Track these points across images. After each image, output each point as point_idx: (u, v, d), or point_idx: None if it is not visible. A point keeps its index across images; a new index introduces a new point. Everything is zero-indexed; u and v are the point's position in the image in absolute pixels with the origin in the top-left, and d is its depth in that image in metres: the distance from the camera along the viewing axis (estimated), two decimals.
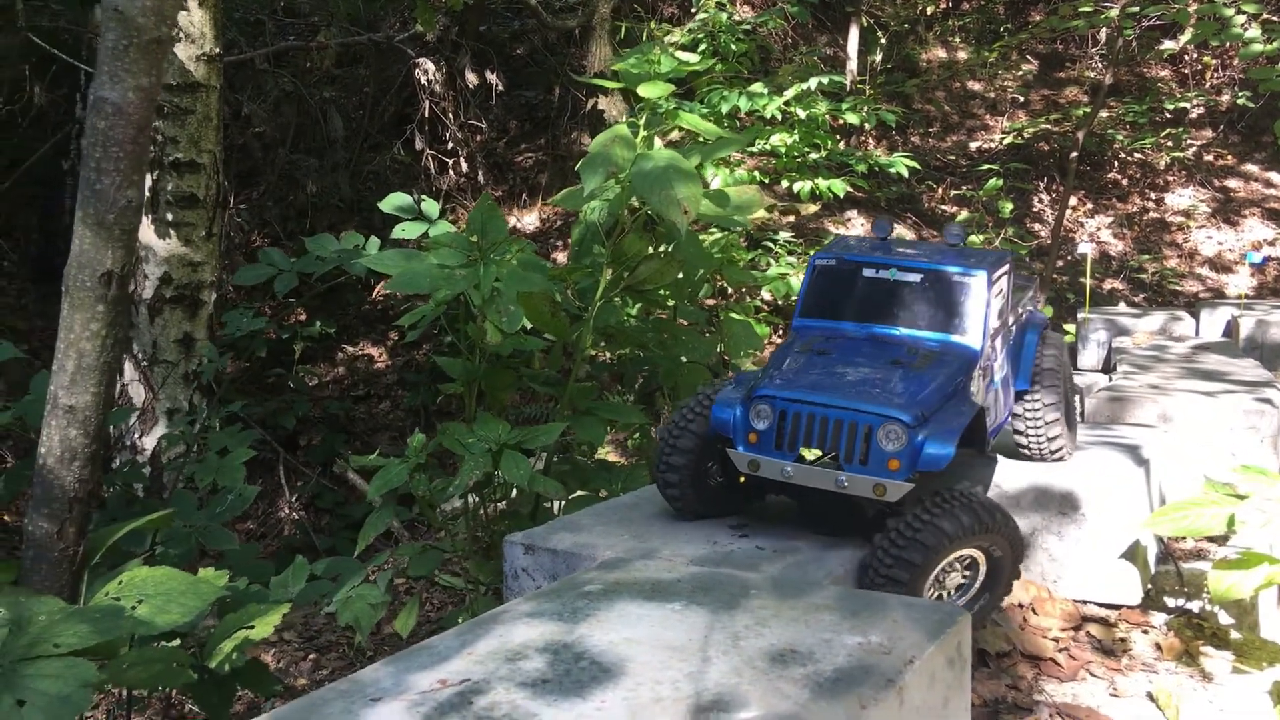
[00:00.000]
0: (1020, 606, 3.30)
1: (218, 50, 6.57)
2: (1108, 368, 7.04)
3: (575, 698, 1.86)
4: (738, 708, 1.82)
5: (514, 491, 3.81)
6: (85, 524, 2.39)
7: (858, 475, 2.65)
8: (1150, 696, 2.91)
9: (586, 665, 2.00)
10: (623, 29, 9.73)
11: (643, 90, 3.49)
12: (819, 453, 2.73)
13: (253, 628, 2.71)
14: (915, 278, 3.08)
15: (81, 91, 9.08)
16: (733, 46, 8.36)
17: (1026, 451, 3.46)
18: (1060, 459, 3.48)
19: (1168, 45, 11.39)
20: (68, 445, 2.28)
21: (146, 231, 6.49)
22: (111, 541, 2.51)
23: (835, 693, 1.88)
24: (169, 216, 6.54)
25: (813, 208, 8.46)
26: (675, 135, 7.35)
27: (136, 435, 6.59)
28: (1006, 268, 3.24)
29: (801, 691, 1.88)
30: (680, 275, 3.87)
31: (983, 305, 3.02)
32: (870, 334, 3.06)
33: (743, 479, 2.94)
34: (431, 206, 4.51)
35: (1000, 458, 3.54)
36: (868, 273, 3.13)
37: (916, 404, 2.69)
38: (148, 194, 6.42)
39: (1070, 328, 8.52)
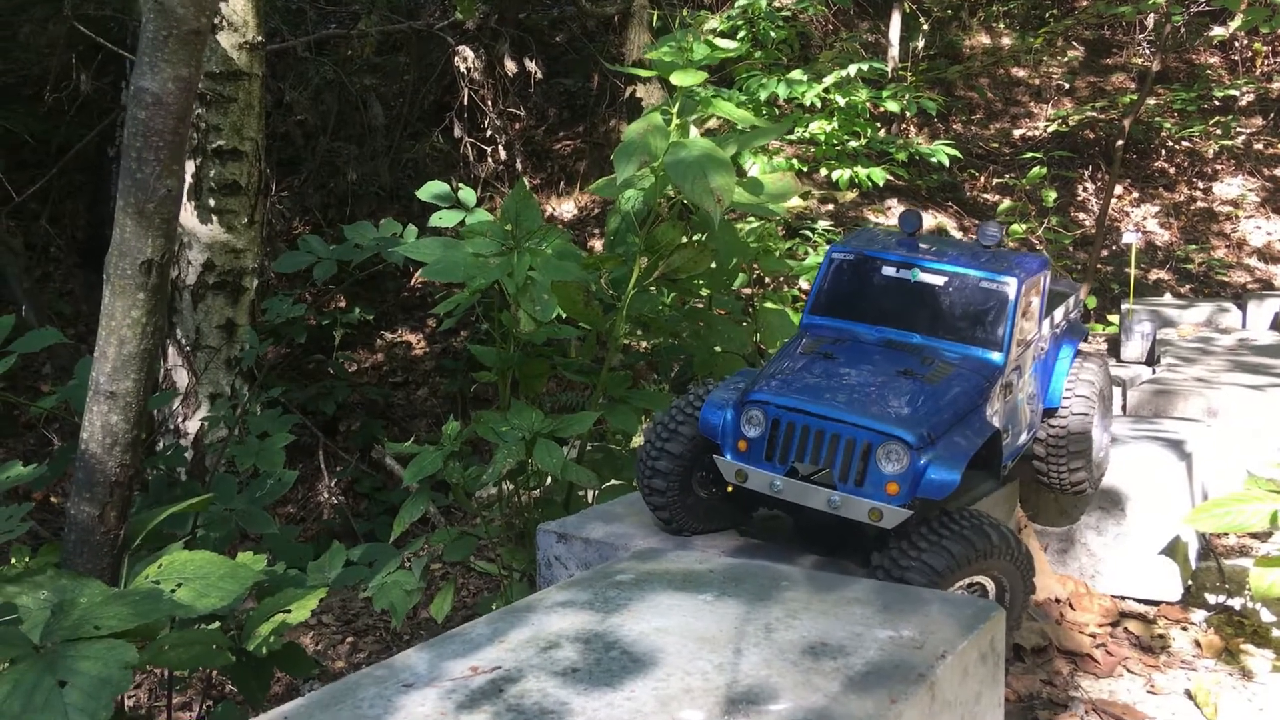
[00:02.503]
0: (1057, 601, 3.27)
1: (260, 38, 6.63)
2: (1152, 360, 6.93)
3: (605, 687, 1.87)
4: (767, 700, 1.82)
5: (548, 479, 3.83)
6: (126, 508, 2.43)
7: (852, 496, 2.43)
8: (1188, 694, 2.87)
9: (617, 655, 2.01)
10: (653, 16, 9.68)
11: (675, 78, 3.47)
12: (815, 469, 2.50)
13: (290, 611, 2.75)
14: (939, 280, 2.82)
15: (127, 79, 9.22)
16: (772, 33, 8.30)
17: (1044, 480, 3.22)
18: (1080, 493, 3.25)
19: (1217, 31, 11.15)
20: (109, 431, 2.32)
21: (190, 218, 6.59)
22: (152, 526, 2.55)
23: (865, 686, 1.87)
24: (212, 203, 6.62)
25: (849, 195, 8.39)
26: (714, 123, 7.32)
27: (180, 419, 6.70)
28: (1042, 275, 2.99)
29: (832, 684, 1.88)
30: (714, 264, 3.85)
31: (1010, 315, 2.76)
32: (884, 338, 2.81)
33: (730, 489, 2.73)
34: (468, 195, 4.52)
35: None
36: (887, 271, 2.88)
37: (923, 423, 2.45)
38: (191, 181, 6.51)
39: (1114, 318, 8.39)
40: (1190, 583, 3.53)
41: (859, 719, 1.76)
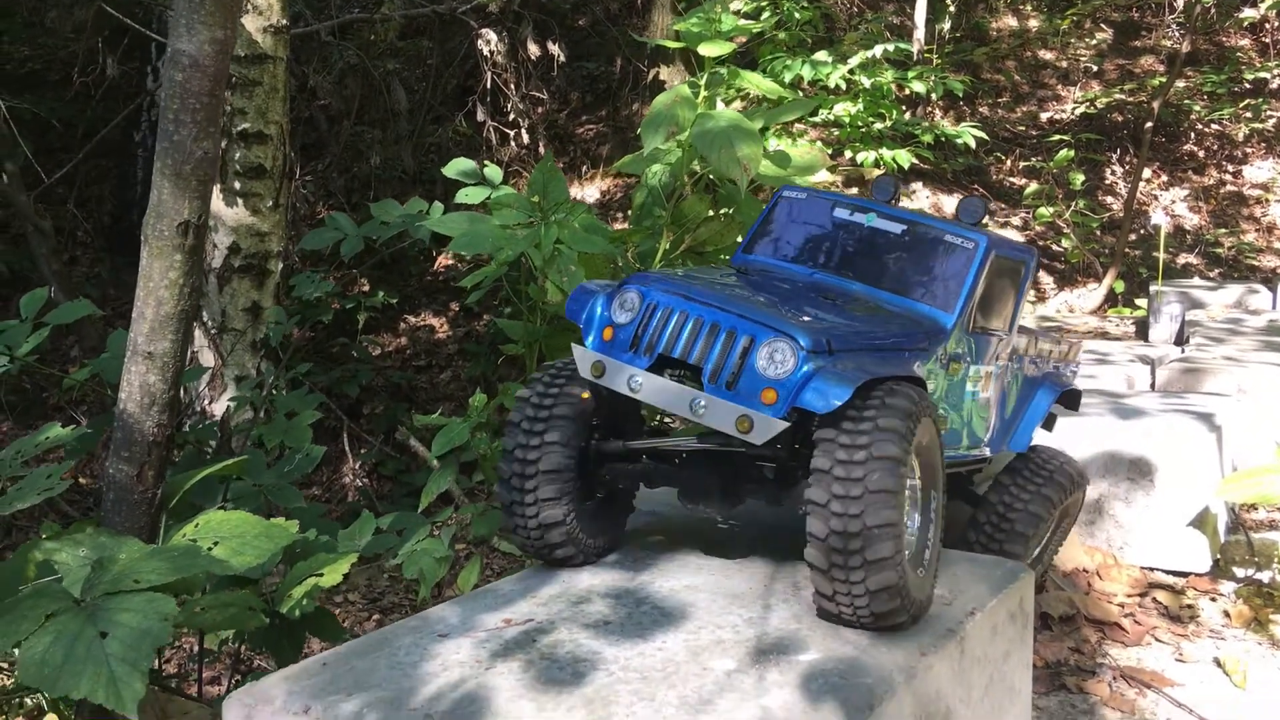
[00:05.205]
0: (1085, 572, 3.26)
1: (284, 22, 6.66)
2: (1180, 341, 6.88)
3: (637, 639, 1.89)
4: (797, 650, 1.83)
5: None
6: (163, 468, 2.47)
7: (720, 400, 1.96)
8: (1217, 662, 2.86)
9: (648, 610, 2.03)
10: None
11: (703, 49, 3.47)
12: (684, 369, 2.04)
13: (322, 575, 2.78)
14: (895, 228, 2.44)
15: (153, 64, 9.28)
16: (796, 14, 8.26)
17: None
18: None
19: (1248, 13, 11.02)
20: (147, 390, 2.35)
21: (215, 201, 6.63)
22: (188, 486, 2.59)
23: (895, 639, 1.88)
24: (237, 186, 6.67)
25: (876, 172, 8.34)
26: (738, 105, 7.30)
27: (206, 402, 6.76)
28: (1019, 257, 2.57)
29: (861, 637, 1.89)
30: (740, 237, 3.85)
31: (969, 276, 2.35)
32: (816, 281, 2.41)
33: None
34: (494, 172, 4.54)
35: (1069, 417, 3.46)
36: (839, 214, 2.50)
37: (826, 332, 2.01)
38: (215, 174, 6.55)
39: (1142, 302, 8.33)
40: (1219, 556, 3.51)
41: (888, 669, 1.77)
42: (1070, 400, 2.93)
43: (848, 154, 8.47)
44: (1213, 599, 3.24)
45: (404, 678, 1.73)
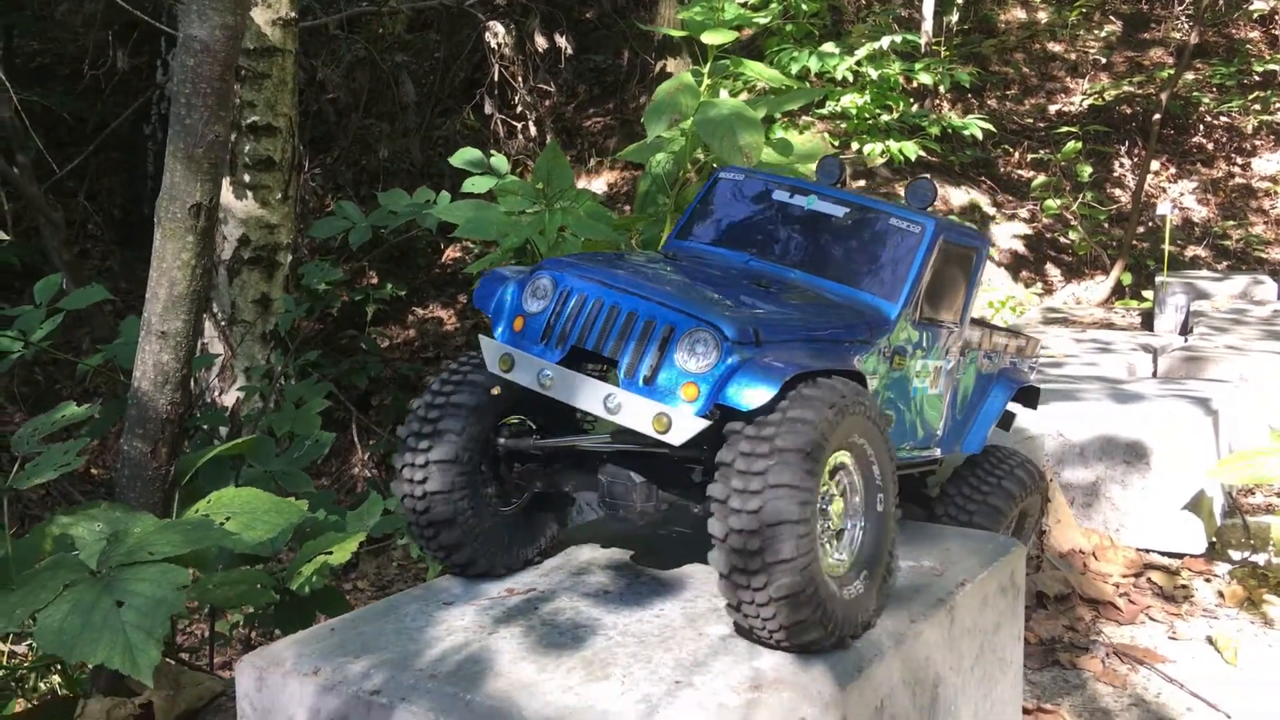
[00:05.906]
0: (1081, 553, 3.30)
1: (293, 15, 6.72)
2: (1185, 331, 6.90)
3: (635, 606, 1.95)
4: None
5: None
6: (176, 445, 2.54)
7: (636, 397, 1.80)
8: (1209, 640, 2.91)
9: (647, 581, 2.09)
10: None
11: (706, 37, 3.51)
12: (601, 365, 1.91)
13: (331, 553, 2.84)
14: (838, 211, 2.30)
15: (163, 58, 9.36)
16: (803, 6, 8.29)
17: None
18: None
19: (1258, 5, 11.01)
20: (160, 369, 2.42)
21: (225, 193, 6.70)
22: (200, 463, 2.65)
23: (886, 608, 1.93)
24: (246, 179, 6.73)
25: (878, 159, 8.37)
26: (744, 98, 7.33)
27: (217, 393, 6.83)
28: (971, 243, 2.41)
29: None
30: None
31: (915, 262, 2.21)
32: (750, 268, 2.27)
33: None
34: (500, 161, 4.60)
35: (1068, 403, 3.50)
36: (778, 196, 2.37)
37: (752, 321, 1.84)
38: (226, 157, 6.62)
39: (1149, 294, 8.36)
40: (1215, 539, 3.55)
41: (878, 634, 1.82)
42: (1028, 398, 2.81)
43: (855, 146, 8.50)
44: (1207, 580, 3.28)
45: (410, 641, 1.79)
